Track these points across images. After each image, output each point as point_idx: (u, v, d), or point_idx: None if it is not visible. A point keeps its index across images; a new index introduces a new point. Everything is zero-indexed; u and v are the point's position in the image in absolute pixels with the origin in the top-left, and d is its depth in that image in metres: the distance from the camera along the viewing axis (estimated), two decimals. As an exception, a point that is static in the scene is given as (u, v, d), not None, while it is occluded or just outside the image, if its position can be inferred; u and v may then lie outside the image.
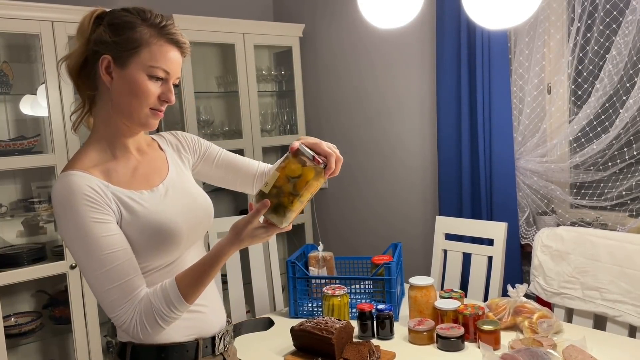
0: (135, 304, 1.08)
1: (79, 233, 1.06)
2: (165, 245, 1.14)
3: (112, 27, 1.11)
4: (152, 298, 1.09)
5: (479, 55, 2.34)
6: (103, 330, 2.78)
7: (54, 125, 2.49)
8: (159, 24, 1.13)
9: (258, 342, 1.83)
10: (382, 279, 1.95)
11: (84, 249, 1.06)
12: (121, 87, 1.12)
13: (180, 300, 1.09)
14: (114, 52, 1.11)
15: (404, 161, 2.95)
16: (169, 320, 1.10)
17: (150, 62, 1.11)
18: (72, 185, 1.07)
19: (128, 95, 1.12)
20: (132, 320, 1.07)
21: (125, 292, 1.07)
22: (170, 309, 1.08)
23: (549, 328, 1.64)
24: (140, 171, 1.20)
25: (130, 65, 1.11)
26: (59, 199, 1.07)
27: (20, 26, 2.39)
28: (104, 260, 1.06)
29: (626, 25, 2.02)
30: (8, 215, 2.63)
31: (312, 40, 3.37)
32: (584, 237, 1.99)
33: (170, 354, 1.17)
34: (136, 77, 1.11)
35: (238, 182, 1.44)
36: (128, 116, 1.15)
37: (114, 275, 1.07)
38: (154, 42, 1.12)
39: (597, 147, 2.14)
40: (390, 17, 1.83)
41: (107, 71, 1.12)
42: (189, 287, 1.10)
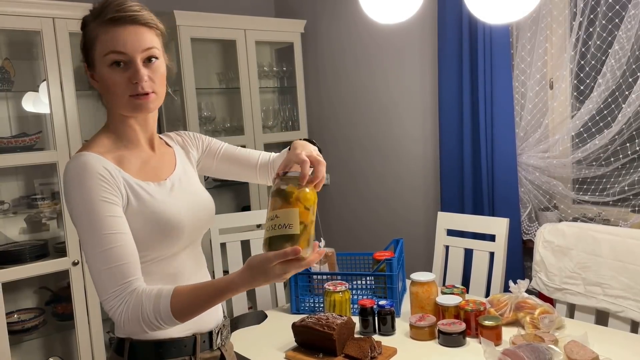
0: (125, 293, 1.04)
1: (85, 208, 1.06)
2: (167, 237, 1.14)
3: (82, 32, 1.15)
4: (144, 297, 1.05)
5: (481, 51, 2.33)
6: (106, 327, 2.78)
7: (56, 122, 2.49)
8: (99, 14, 1.11)
9: (259, 338, 1.83)
10: (383, 275, 1.95)
11: (88, 226, 1.06)
12: (100, 86, 1.16)
13: (168, 315, 1.04)
14: (85, 58, 1.16)
15: (406, 157, 2.95)
16: (153, 327, 1.05)
17: (103, 52, 1.10)
18: (86, 164, 1.08)
19: (106, 92, 1.15)
20: (118, 307, 1.04)
21: (117, 277, 1.04)
22: (155, 317, 1.04)
23: (550, 324, 1.64)
24: (151, 164, 1.21)
25: (95, 65, 1.13)
26: (72, 174, 1.07)
27: (22, 23, 2.39)
28: (104, 239, 1.05)
29: (629, 19, 2.01)
30: (11, 212, 2.63)
31: (313, 36, 3.37)
32: (585, 233, 1.98)
33: (168, 349, 1.16)
34: (102, 73, 1.12)
35: (241, 174, 1.45)
36: (120, 108, 1.16)
37: (109, 256, 1.04)
38: (102, 32, 1.10)
39: (600, 142, 2.13)
40: (391, 12, 1.82)
41: (91, 77, 1.16)
42: (184, 306, 1.04)
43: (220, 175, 1.46)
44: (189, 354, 1.18)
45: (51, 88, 2.47)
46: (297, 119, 3.40)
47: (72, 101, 2.53)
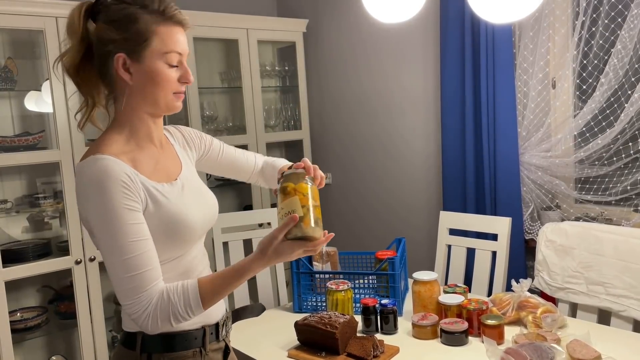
0: (151, 296, 1.07)
1: (108, 217, 1.05)
2: (181, 238, 1.16)
3: (115, 24, 1.10)
4: (171, 295, 1.08)
5: (483, 50, 2.33)
6: (108, 325, 2.79)
7: (59, 121, 2.49)
8: (158, 9, 1.11)
9: (262, 337, 1.84)
10: (386, 274, 1.95)
11: (110, 234, 1.05)
12: (142, 79, 1.12)
13: (198, 305, 1.09)
14: (127, 49, 1.11)
15: (408, 156, 2.95)
16: (182, 320, 1.10)
17: (163, 49, 1.11)
18: (108, 169, 1.06)
19: (151, 86, 1.13)
20: (145, 311, 1.06)
21: (142, 283, 1.06)
22: (186, 311, 1.09)
23: (553, 323, 1.64)
24: (161, 164, 1.21)
25: (145, 58, 1.11)
26: (93, 180, 1.05)
27: (25, 22, 2.40)
28: (128, 247, 1.05)
29: (631, 19, 2.01)
30: (13, 211, 2.64)
31: (315, 35, 3.37)
32: (588, 232, 1.98)
33: (180, 342, 1.19)
34: (154, 67, 1.12)
35: (237, 175, 1.51)
36: (154, 104, 1.15)
37: (134, 264, 1.06)
38: (162, 30, 1.11)
39: (602, 141, 2.13)
40: (393, 11, 1.82)
41: (124, 68, 1.12)
42: (209, 294, 1.10)
43: (216, 173, 1.51)
44: (199, 346, 1.21)
45: (54, 87, 2.48)
46: (299, 118, 3.40)
47: (75, 100, 2.53)
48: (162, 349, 1.17)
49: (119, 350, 1.22)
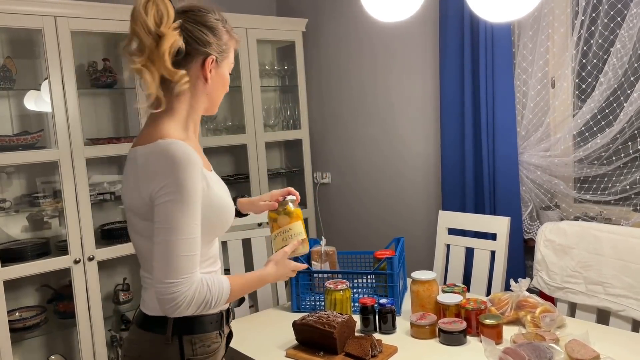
0: (193, 280, 1.15)
1: (185, 196, 1.13)
2: (222, 224, 1.29)
3: (209, 29, 1.26)
4: (210, 285, 1.18)
5: (482, 49, 2.33)
6: (107, 325, 2.79)
7: (58, 121, 2.49)
8: (230, 29, 1.33)
9: (260, 336, 1.84)
10: (384, 274, 1.95)
11: (182, 212, 1.13)
12: (216, 81, 1.30)
13: (226, 299, 1.23)
14: (217, 53, 1.27)
15: (407, 155, 2.95)
16: (209, 308, 1.20)
17: (231, 62, 1.34)
18: (191, 154, 1.15)
19: (220, 88, 1.32)
20: (185, 292, 1.14)
21: (192, 264, 1.15)
22: (218, 301, 1.20)
23: (551, 322, 1.64)
24: (200, 153, 1.29)
25: (222, 64, 1.30)
26: (182, 160, 1.13)
27: (24, 21, 2.40)
28: (191, 229, 1.14)
29: (631, 18, 2.01)
30: (12, 210, 2.64)
31: (315, 34, 3.36)
32: (587, 232, 1.98)
33: (207, 324, 1.28)
34: (225, 74, 1.33)
35: None
36: (213, 102, 1.34)
37: (192, 245, 1.14)
38: (232, 46, 1.33)
39: (601, 141, 2.13)
40: (392, 10, 1.82)
41: (209, 69, 1.27)
42: (235, 293, 1.26)
43: None
44: (219, 328, 1.32)
45: (53, 86, 2.48)
46: (299, 117, 3.40)
47: (74, 99, 2.53)
48: (192, 330, 1.26)
49: (139, 336, 1.28)
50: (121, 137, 2.80)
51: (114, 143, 2.74)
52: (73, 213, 2.55)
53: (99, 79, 2.77)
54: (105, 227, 2.84)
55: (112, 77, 2.80)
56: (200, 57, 1.24)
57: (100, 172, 2.90)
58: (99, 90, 2.87)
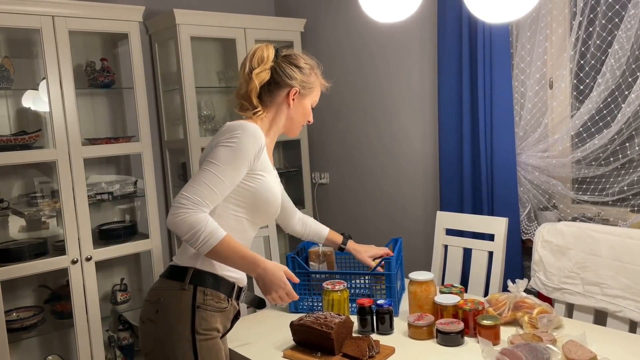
0: (202, 208, 1.39)
1: (237, 155, 1.44)
2: (265, 208, 1.55)
3: (299, 69, 1.62)
4: (209, 222, 1.39)
5: (481, 50, 2.33)
6: (105, 325, 2.79)
7: (55, 121, 2.49)
8: (318, 74, 1.69)
9: (257, 337, 1.84)
10: (382, 274, 1.95)
11: (227, 162, 1.43)
12: (297, 110, 1.66)
13: (208, 249, 1.39)
14: (301, 87, 1.63)
15: (405, 156, 2.95)
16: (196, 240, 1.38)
17: (315, 98, 1.71)
18: (259, 134, 1.49)
19: (300, 116, 1.67)
20: (188, 210, 1.38)
21: (209, 197, 1.41)
22: (204, 239, 1.38)
23: (548, 323, 1.64)
24: (268, 155, 1.61)
25: (305, 97, 1.66)
26: (246, 128, 1.47)
27: (22, 21, 2.39)
28: (227, 176, 1.43)
29: (628, 19, 2.01)
30: (10, 210, 2.63)
31: (313, 35, 3.36)
32: (584, 232, 1.98)
33: (220, 284, 1.50)
34: (307, 106, 1.69)
35: (280, 217, 1.94)
36: (293, 125, 1.67)
37: (219, 184, 1.42)
38: (318, 86, 1.70)
39: (599, 142, 2.13)
40: (391, 11, 1.82)
41: (292, 97, 1.62)
42: (220, 252, 1.41)
43: None
44: (228, 295, 1.53)
45: (51, 86, 2.47)
46: (297, 118, 3.39)
47: (72, 99, 2.53)
48: (206, 283, 1.48)
49: (162, 283, 1.52)
50: (119, 137, 2.80)
51: (112, 143, 2.74)
52: (71, 213, 2.54)
53: (97, 78, 2.76)
54: (102, 227, 2.83)
55: (110, 77, 2.80)
56: (287, 88, 1.61)
57: (98, 172, 2.90)
58: (96, 90, 2.86)
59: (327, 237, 2.03)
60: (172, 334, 1.44)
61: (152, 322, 1.47)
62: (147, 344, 1.49)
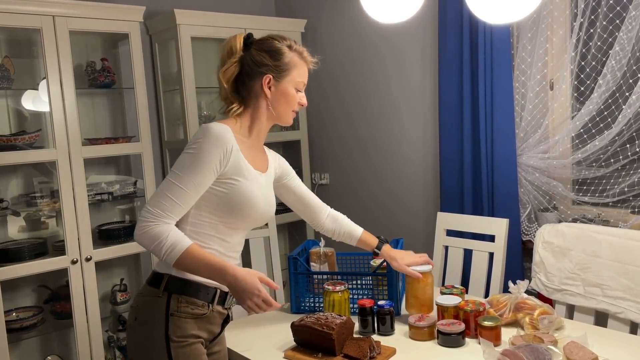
0: (163, 220, 1.37)
1: (198, 159, 1.38)
2: (241, 211, 1.47)
3: (269, 53, 1.51)
4: (171, 234, 1.36)
5: (482, 51, 2.33)
6: (104, 325, 2.79)
7: (55, 120, 2.49)
8: (298, 50, 1.55)
9: (258, 337, 1.83)
10: (383, 275, 1.95)
11: (187, 168, 1.38)
12: (277, 97, 1.53)
13: (172, 260, 1.36)
14: (274, 73, 1.51)
15: (406, 157, 2.95)
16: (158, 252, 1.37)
17: (297, 79, 1.55)
18: (224, 133, 1.42)
19: (282, 103, 1.54)
20: (149, 222, 1.36)
21: (173, 209, 1.38)
22: (164, 253, 1.36)
23: (549, 324, 1.64)
24: (256, 155, 1.56)
25: (284, 82, 1.53)
26: (209, 132, 1.40)
27: (22, 21, 2.39)
28: (187, 183, 1.38)
29: (629, 21, 2.01)
30: (10, 210, 2.63)
31: (314, 35, 3.36)
32: (585, 234, 1.98)
33: (195, 290, 1.45)
34: (289, 90, 1.54)
35: (305, 212, 1.89)
36: (278, 116, 1.55)
37: (181, 195, 1.38)
38: (299, 65, 1.55)
39: (600, 143, 2.13)
40: (392, 11, 1.82)
41: (267, 86, 1.51)
42: (185, 263, 1.37)
43: (287, 203, 1.87)
44: (208, 301, 1.48)
45: (51, 86, 2.47)
46: (297, 118, 3.39)
47: (72, 99, 2.53)
48: (181, 290, 1.44)
49: (143, 288, 1.50)
50: (119, 137, 2.80)
51: (112, 143, 2.73)
52: (70, 213, 2.54)
53: (97, 78, 2.76)
54: (102, 228, 2.83)
55: (110, 77, 2.80)
56: (259, 77, 1.51)
57: (98, 172, 2.90)
58: (97, 90, 2.86)
59: (361, 238, 1.90)
60: (148, 341, 1.44)
61: (132, 329, 1.47)
62: (130, 350, 1.49)
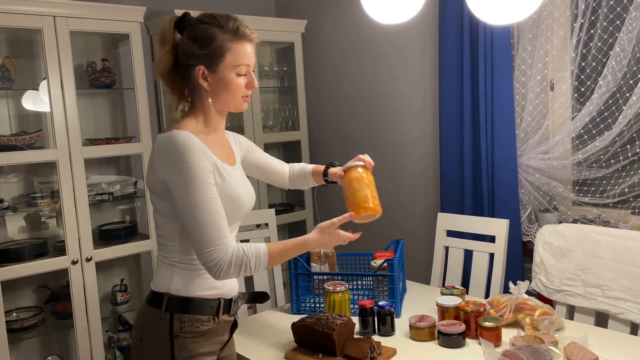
0: (228, 245, 1.29)
1: (195, 176, 1.27)
2: (234, 213, 1.39)
3: (198, 41, 1.35)
4: (246, 251, 1.30)
5: (482, 51, 2.33)
6: (105, 326, 2.79)
7: (56, 121, 2.49)
8: (232, 28, 1.36)
9: (259, 337, 1.83)
10: (384, 275, 1.95)
11: (194, 190, 1.27)
12: (217, 87, 1.38)
13: (265, 263, 1.32)
14: (206, 63, 1.35)
15: (406, 157, 2.95)
16: (249, 272, 1.31)
17: (234, 63, 1.37)
18: (190, 138, 1.29)
19: (224, 93, 1.38)
20: (222, 258, 1.27)
21: (223, 232, 1.29)
22: (256, 264, 1.31)
23: (550, 325, 1.64)
24: (222, 149, 1.45)
25: (220, 69, 1.36)
26: (179, 147, 1.28)
27: (23, 21, 2.39)
28: (209, 202, 1.28)
29: (630, 21, 2.01)
30: (10, 210, 2.63)
31: (314, 36, 3.36)
32: (585, 234, 1.98)
33: (198, 306, 1.38)
34: (227, 77, 1.37)
35: (273, 178, 1.77)
36: (226, 106, 1.42)
37: (216, 216, 1.28)
38: (234, 46, 1.36)
39: (600, 144, 2.13)
40: (392, 12, 1.82)
41: (203, 77, 1.36)
42: (275, 257, 1.35)
43: (253, 175, 1.73)
44: (214, 314, 1.41)
45: (51, 86, 2.47)
46: (297, 119, 3.39)
47: (73, 100, 2.53)
48: (183, 310, 1.36)
49: (144, 308, 1.42)
50: (119, 137, 2.80)
51: (113, 143, 2.73)
52: (71, 213, 2.54)
53: (98, 79, 2.76)
54: (103, 228, 2.83)
55: (111, 77, 2.80)
56: (192, 68, 1.37)
57: (99, 172, 2.90)
58: (97, 91, 2.86)
59: (312, 171, 1.78)
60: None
61: (139, 349, 1.41)
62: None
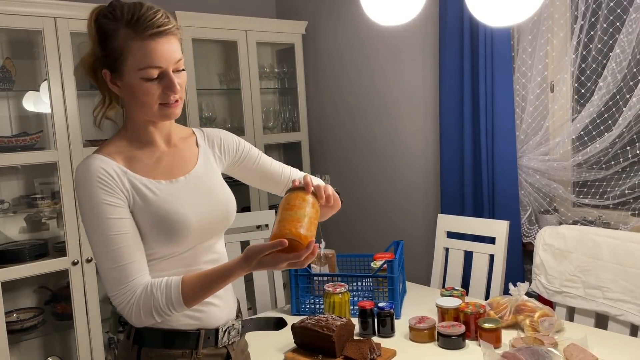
0: (134, 288, 1.11)
1: (92, 212, 1.11)
2: (172, 235, 1.16)
3: (100, 39, 1.12)
4: (154, 290, 1.11)
5: (482, 53, 2.33)
6: (105, 327, 2.78)
7: (57, 122, 2.49)
8: (130, 20, 1.08)
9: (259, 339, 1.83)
10: (384, 277, 1.95)
11: (93, 227, 1.11)
12: (126, 93, 1.15)
13: (179, 302, 1.12)
14: (108, 66, 1.13)
15: (406, 159, 2.95)
16: (164, 315, 1.13)
17: (137, 66, 1.09)
18: (89, 168, 1.12)
19: (134, 100, 1.14)
20: (128, 303, 1.11)
21: (126, 275, 1.11)
22: (167, 306, 1.11)
23: (550, 327, 1.64)
24: (164, 162, 1.22)
25: (124, 73, 1.12)
26: (77, 179, 1.13)
27: (23, 22, 2.39)
28: (110, 240, 1.10)
29: (630, 23, 2.01)
30: (11, 211, 2.63)
31: (314, 37, 3.37)
32: (586, 236, 1.98)
33: (168, 339, 1.19)
34: (132, 83, 1.11)
35: (270, 187, 1.49)
36: (144, 115, 1.17)
37: (116, 256, 1.11)
38: (136, 46, 1.08)
39: (600, 145, 2.13)
40: (392, 14, 1.82)
41: (112, 83, 1.15)
42: (191, 292, 1.12)
43: (248, 182, 1.50)
44: (192, 348, 1.21)
45: (52, 88, 2.47)
46: (298, 120, 3.40)
47: (73, 101, 2.53)
48: (151, 343, 1.19)
49: (123, 340, 1.25)
50: (120, 138, 2.80)
51: (113, 144, 2.73)
52: (71, 214, 2.54)
53: (99, 80, 2.76)
54: (103, 229, 2.83)
55: (112, 78, 2.80)
56: (101, 71, 1.15)
57: (99, 173, 2.89)
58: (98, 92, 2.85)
59: None
60: None
61: None
62: None
